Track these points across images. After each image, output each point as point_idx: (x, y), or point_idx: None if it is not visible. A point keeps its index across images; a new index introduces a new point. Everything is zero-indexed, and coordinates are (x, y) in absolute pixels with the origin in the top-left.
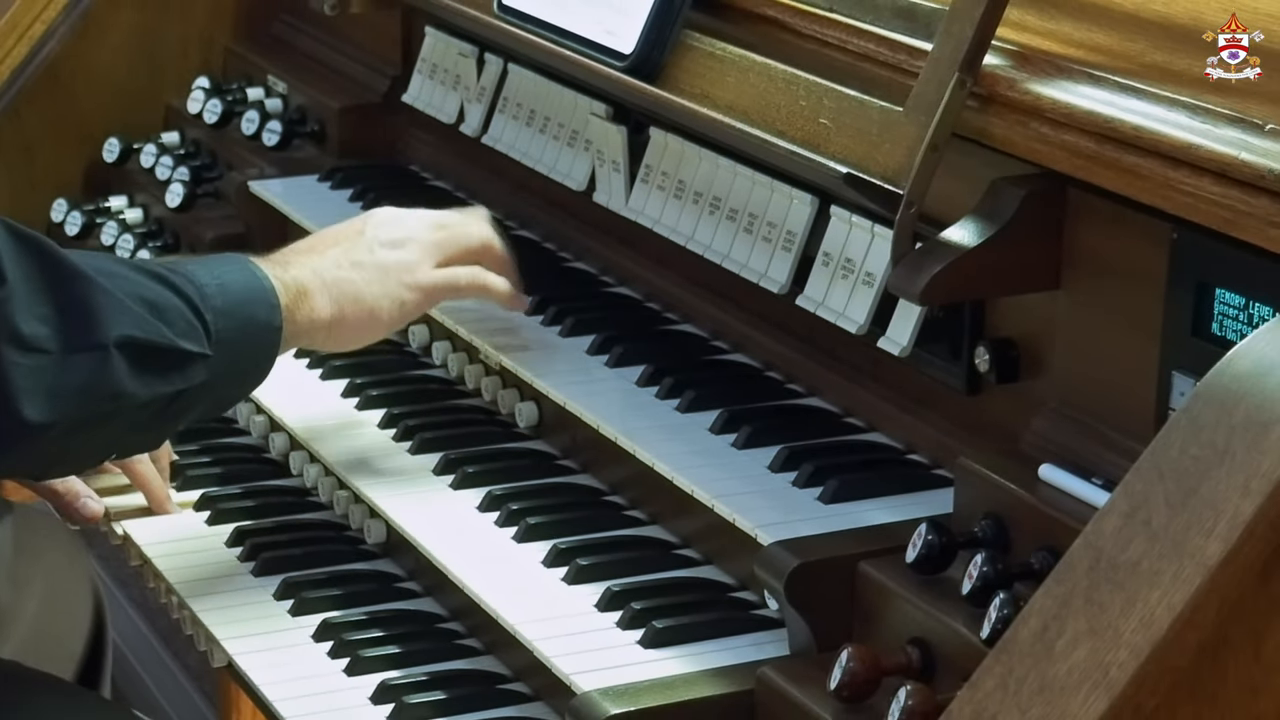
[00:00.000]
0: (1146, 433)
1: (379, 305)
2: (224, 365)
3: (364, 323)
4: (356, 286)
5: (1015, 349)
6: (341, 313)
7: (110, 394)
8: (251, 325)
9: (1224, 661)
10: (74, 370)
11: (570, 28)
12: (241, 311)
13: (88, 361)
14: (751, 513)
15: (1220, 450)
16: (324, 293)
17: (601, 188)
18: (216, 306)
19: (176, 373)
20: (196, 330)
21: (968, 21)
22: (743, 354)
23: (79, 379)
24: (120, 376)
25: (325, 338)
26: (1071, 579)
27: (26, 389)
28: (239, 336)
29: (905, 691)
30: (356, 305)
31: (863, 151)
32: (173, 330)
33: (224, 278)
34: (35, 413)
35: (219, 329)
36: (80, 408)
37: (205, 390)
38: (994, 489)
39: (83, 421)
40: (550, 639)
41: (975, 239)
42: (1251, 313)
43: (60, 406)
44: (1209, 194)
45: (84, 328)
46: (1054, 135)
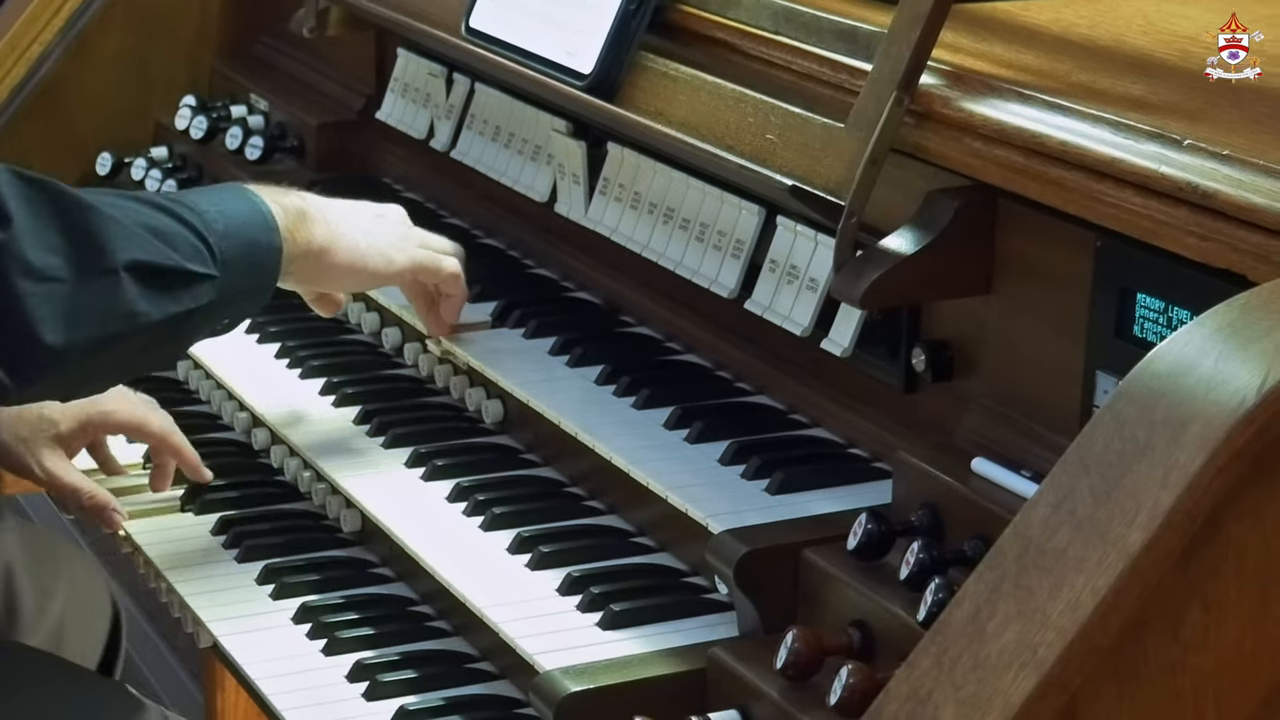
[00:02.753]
0: (1072, 428)
1: (368, 254)
2: (230, 285)
3: (352, 263)
4: (353, 231)
5: (949, 350)
6: (335, 244)
7: (123, 314)
8: (253, 245)
9: (1144, 642)
10: (87, 294)
11: (533, 49)
12: (243, 234)
13: (100, 285)
14: (703, 503)
15: (1142, 445)
16: (323, 222)
17: (562, 199)
18: (219, 230)
19: (185, 292)
20: (201, 253)
21: (905, 44)
22: (695, 355)
23: (92, 302)
24: (132, 298)
25: (314, 268)
26: (1002, 565)
27: (44, 316)
28: (243, 257)
29: (847, 670)
30: (349, 245)
31: (807, 165)
32: (179, 254)
33: (224, 205)
34: (54, 337)
35: (223, 251)
36: (96, 329)
37: (213, 309)
38: (930, 481)
39: (99, 342)
40: (514, 621)
41: (912, 247)
42: (1170, 316)
43: (77, 329)
44: (1131, 205)
45: (93, 254)
46: (986, 150)
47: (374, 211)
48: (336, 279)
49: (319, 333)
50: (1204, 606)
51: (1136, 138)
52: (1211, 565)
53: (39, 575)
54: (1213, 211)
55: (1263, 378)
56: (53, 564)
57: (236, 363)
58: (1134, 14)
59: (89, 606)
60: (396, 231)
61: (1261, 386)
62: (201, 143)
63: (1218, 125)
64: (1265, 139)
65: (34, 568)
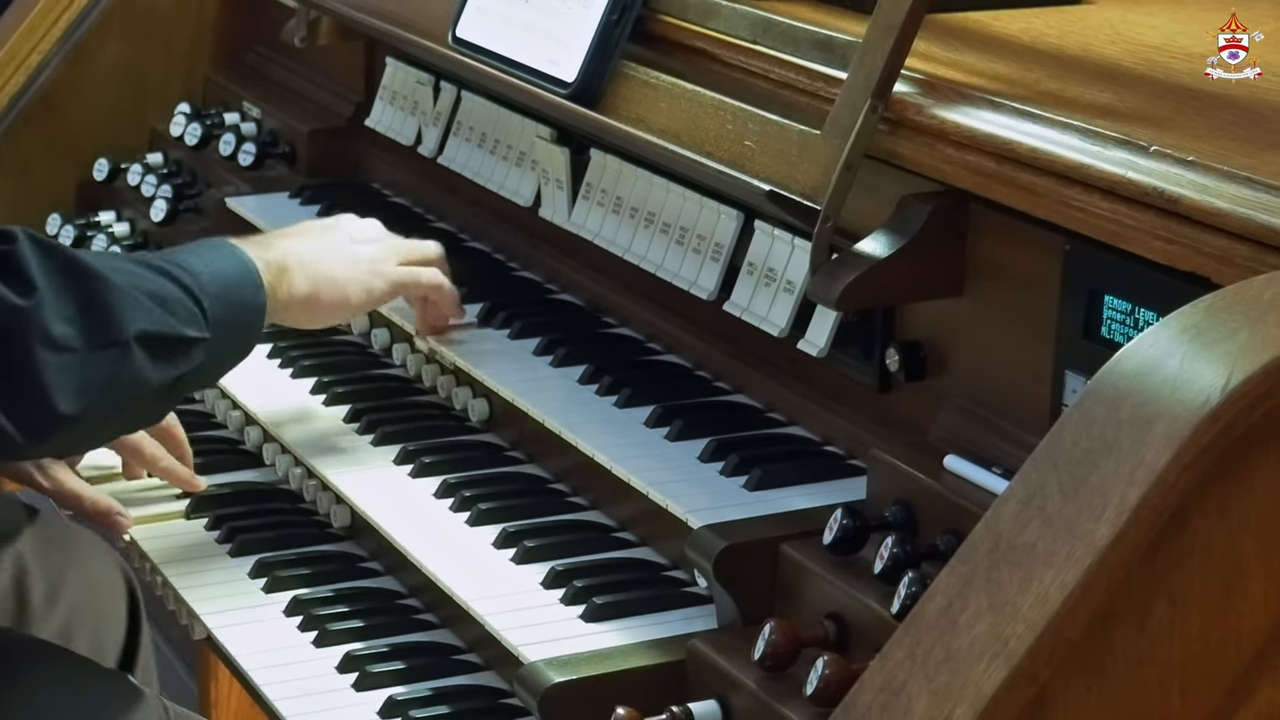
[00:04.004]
0: (1042, 427)
1: (349, 288)
2: (219, 345)
3: (335, 303)
4: (331, 269)
5: (922, 350)
6: (316, 291)
7: (130, 383)
8: (240, 306)
9: (1112, 634)
10: (99, 365)
11: (518, 58)
12: (232, 295)
13: (111, 356)
14: (683, 499)
15: (1109, 443)
16: (301, 271)
17: (546, 203)
18: (211, 292)
19: (182, 358)
20: (196, 317)
21: (879, 53)
22: (675, 355)
23: (104, 372)
24: (140, 367)
25: (300, 313)
26: (973, 559)
27: (58, 385)
28: (230, 317)
29: (822, 662)
30: (330, 285)
31: (784, 171)
32: (178, 320)
33: (215, 264)
34: (68, 405)
35: (214, 312)
36: (105, 399)
37: (203, 369)
38: (903, 478)
39: (107, 410)
40: (500, 614)
41: (886, 250)
42: (1137, 317)
43: (88, 398)
44: (1099, 209)
45: (105, 326)
46: (958, 156)
47: (349, 236)
48: (324, 318)
49: (309, 334)
50: (1170, 600)
51: (1104, 144)
52: (1177, 559)
53: (50, 565)
54: (1178, 216)
55: (1226, 377)
56: (65, 554)
57: None
58: (1101, 24)
59: (102, 596)
60: (374, 254)
61: (1225, 386)
62: (196, 149)
63: (1183, 132)
64: (1229, 145)
65: (45, 558)
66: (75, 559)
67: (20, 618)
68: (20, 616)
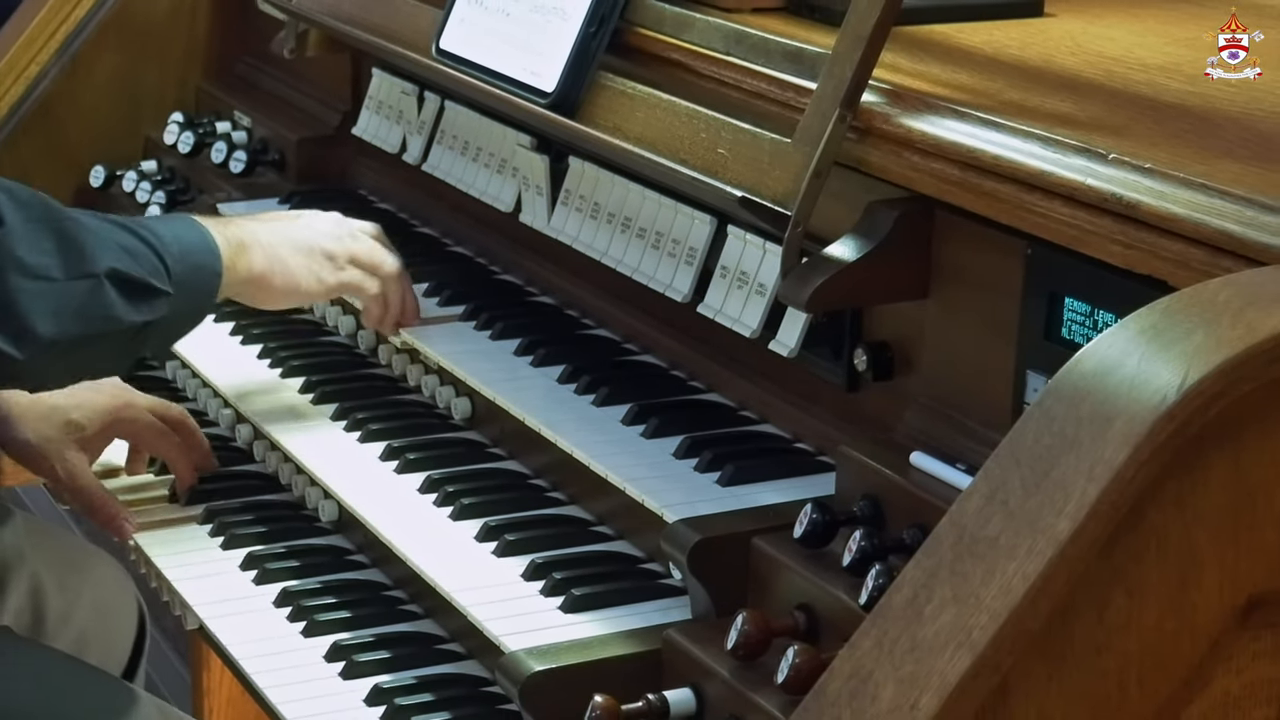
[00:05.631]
0: (1004, 424)
1: (301, 276)
2: (180, 302)
3: (287, 286)
4: (286, 254)
5: (889, 351)
6: (270, 271)
7: (102, 316)
8: (199, 269)
9: (1071, 625)
10: (74, 294)
11: (499, 69)
12: (191, 258)
13: (84, 287)
14: (658, 494)
15: (1069, 440)
16: (260, 251)
17: (527, 209)
18: (174, 253)
19: (147, 304)
20: (160, 271)
21: (848, 64)
22: (651, 355)
23: (78, 301)
24: (111, 301)
25: (256, 290)
26: (939, 552)
27: (36, 309)
28: (190, 280)
29: (793, 651)
30: (284, 269)
31: (755, 178)
32: (144, 269)
33: (177, 231)
34: (46, 329)
35: (176, 272)
36: (79, 326)
37: (164, 323)
38: (871, 474)
39: (79, 339)
40: (482, 605)
41: (854, 254)
42: (1096, 319)
43: (64, 324)
44: (1059, 215)
45: (79, 259)
46: (923, 163)
47: (308, 226)
48: (276, 300)
49: (298, 334)
50: (1127, 592)
51: (1064, 152)
52: (1135, 553)
53: (67, 588)
54: (1136, 221)
55: (1182, 377)
56: (81, 576)
57: (221, 362)
58: (1062, 36)
59: (114, 620)
60: (329, 248)
61: (1182, 385)
62: (189, 157)
63: (1141, 140)
64: (1185, 153)
65: (64, 581)
66: (91, 581)
67: (34, 635)
68: (35, 633)
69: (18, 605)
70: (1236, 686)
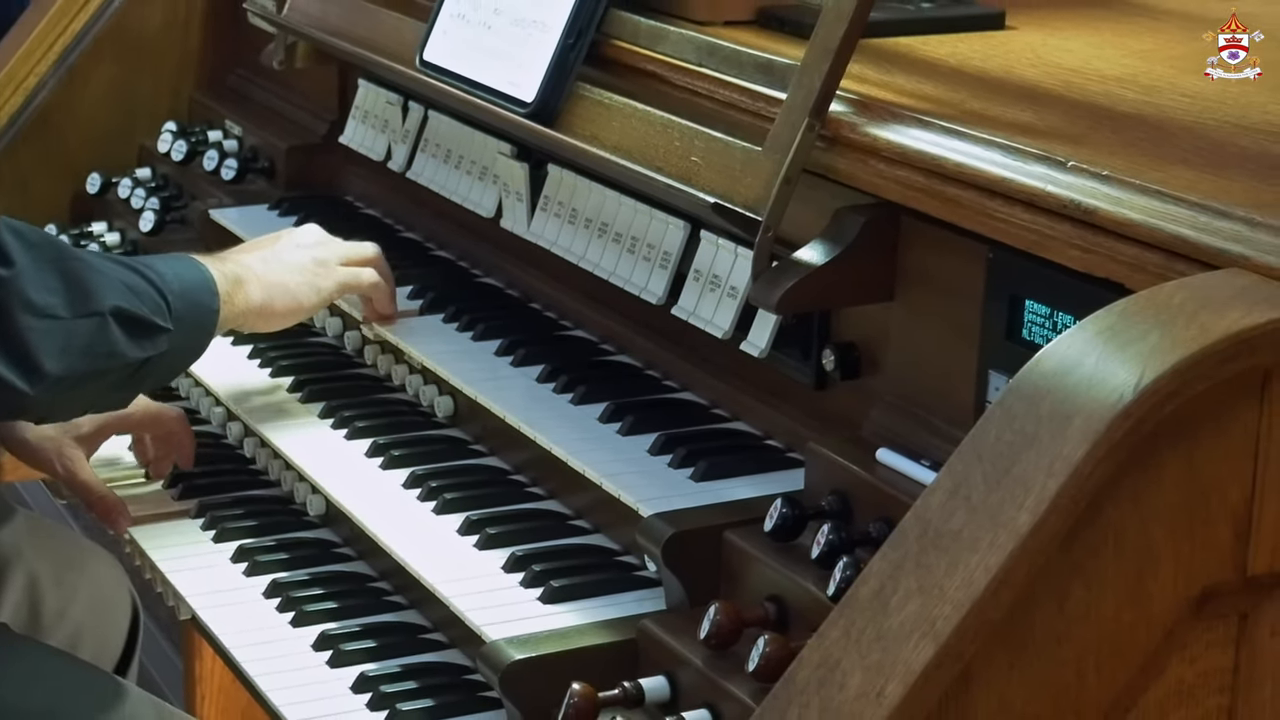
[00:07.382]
0: (967, 422)
1: (299, 292)
2: (179, 339)
3: (289, 307)
4: (281, 276)
5: (856, 351)
6: (270, 299)
7: (107, 352)
8: (198, 307)
9: (1032, 615)
10: (80, 331)
11: (481, 80)
12: (191, 296)
13: (90, 325)
14: (634, 489)
15: (1030, 437)
16: (256, 283)
17: (507, 215)
18: (174, 290)
19: (149, 341)
20: (162, 308)
21: (816, 75)
22: (626, 355)
23: (84, 339)
24: (115, 339)
25: (256, 319)
26: (904, 545)
27: (44, 347)
28: (190, 316)
29: (763, 640)
30: (283, 291)
31: (727, 185)
32: (146, 307)
33: (178, 270)
34: (53, 365)
35: (176, 308)
36: (85, 363)
37: (164, 359)
38: (839, 469)
39: (85, 375)
40: (464, 596)
41: (822, 258)
42: (1056, 320)
43: (71, 360)
44: (1020, 220)
45: (85, 298)
46: (889, 171)
47: (295, 243)
48: (281, 321)
49: (287, 335)
50: (1086, 583)
51: (1025, 160)
52: (1092, 546)
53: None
54: (1094, 226)
55: (1139, 376)
56: (77, 573)
57: (214, 363)
58: (1023, 48)
59: (108, 617)
60: (319, 256)
61: (1138, 384)
62: (182, 164)
63: (1099, 148)
64: (1141, 161)
65: (60, 578)
66: (88, 577)
67: (31, 630)
68: (31, 629)
69: (14, 601)
70: (1191, 675)
